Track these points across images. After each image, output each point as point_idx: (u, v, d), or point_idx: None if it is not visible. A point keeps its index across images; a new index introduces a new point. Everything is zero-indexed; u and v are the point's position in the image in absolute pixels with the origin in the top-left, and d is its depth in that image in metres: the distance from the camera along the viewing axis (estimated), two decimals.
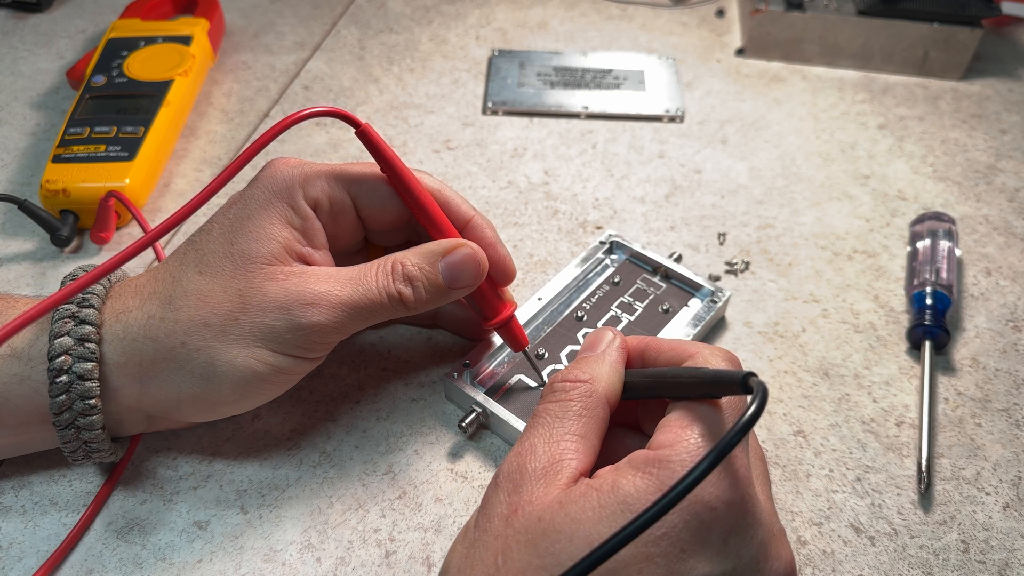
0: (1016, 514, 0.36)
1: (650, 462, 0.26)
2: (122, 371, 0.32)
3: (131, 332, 0.32)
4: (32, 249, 0.47)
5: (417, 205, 0.35)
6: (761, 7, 0.64)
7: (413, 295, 0.34)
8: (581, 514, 0.25)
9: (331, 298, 0.32)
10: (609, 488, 0.25)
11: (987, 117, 0.61)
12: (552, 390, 0.30)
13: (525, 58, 0.64)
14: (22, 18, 0.67)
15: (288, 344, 0.32)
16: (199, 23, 0.59)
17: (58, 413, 0.31)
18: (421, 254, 0.34)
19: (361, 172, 0.35)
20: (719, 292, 0.43)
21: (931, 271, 0.45)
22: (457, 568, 0.27)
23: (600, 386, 0.29)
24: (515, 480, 0.27)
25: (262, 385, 0.33)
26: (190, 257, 0.33)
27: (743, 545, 0.25)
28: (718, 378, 0.27)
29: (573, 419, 0.28)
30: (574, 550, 0.24)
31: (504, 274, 0.38)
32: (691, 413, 0.27)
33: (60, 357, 0.31)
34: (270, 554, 0.34)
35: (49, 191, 0.47)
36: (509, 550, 0.25)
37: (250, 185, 0.34)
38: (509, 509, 0.26)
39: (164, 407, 0.33)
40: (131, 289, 0.34)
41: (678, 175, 0.55)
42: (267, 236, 0.33)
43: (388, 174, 0.35)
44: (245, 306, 0.32)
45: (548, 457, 0.27)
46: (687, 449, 0.26)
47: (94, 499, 0.35)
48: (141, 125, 0.50)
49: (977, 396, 0.41)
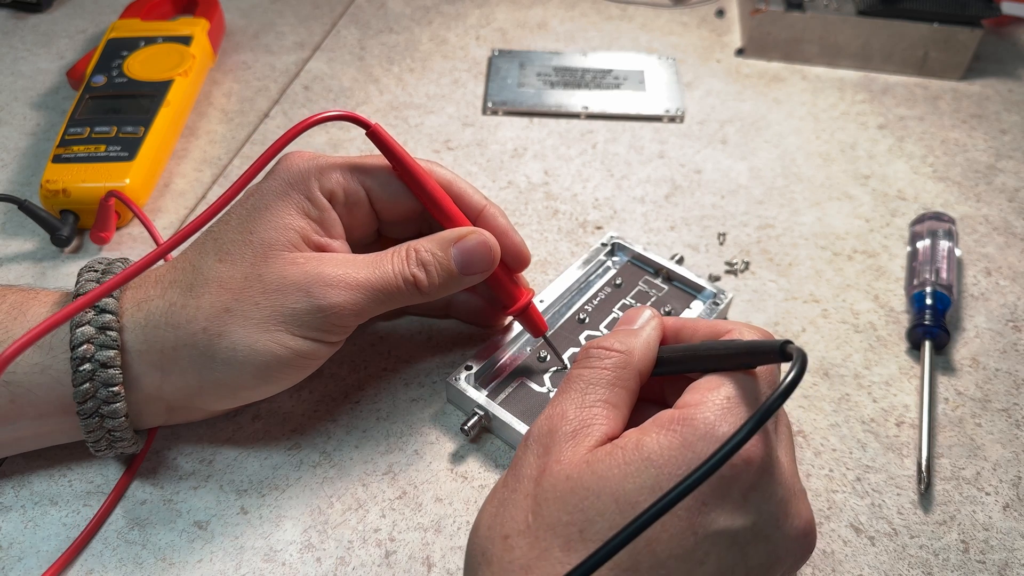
0: (1016, 514, 0.36)
1: (675, 420, 0.26)
2: (144, 359, 0.33)
3: (153, 320, 0.32)
4: (32, 249, 0.47)
5: (429, 198, 0.36)
6: (761, 7, 0.64)
7: (427, 280, 0.34)
8: (607, 471, 0.25)
9: (350, 280, 0.33)
10: (633, 445, 0.26)
11: (987, 117, 0.61)
12: (588, 356, 0.30)
13: (525, 58, 0.64)
14: (22, 18, 0.67)
15: (308, 326, 0.33)
16: (199, 23, 0.59)
17: (82, 402, 0.32)
18: (434, 241, 0.35)
19: (374, 164, 0.36)
20: (721, 294, 0.43)
21: (931, 271, 0.45)
22: (487, 525, 0.27)
23: (635, 358, 0.30)
24: (545, 443, 0.27)
25: (283, 370, 0.33)
26: (209, 246, 0.34)
27: (763, 501, 0.26)
28: (755, 347, 0.27)
29: (605, 387, 0.29)
30: (601, 505, 0.25)
31: (519, 261, 0.38)
32: (722, 376, 0.28)
33: (82, 346, 0.31)
34: (270, 554, 0.34)
35: (49, 191, 0.47)
36: (539, 508, 0.26)
37: (266, 177, 0.35)
38: (538, 470, 0.27)
39: (185, 395, 0.34)
40: (151, 279, 0.34)
41: (678, 175, 0.55)
42: (285, 225, 0.33)
43: (400, 172, 0.36)
44: (265, 290, 0.32)
45: (578, 421, 0.28)
46: (712, 409, 0.26)
47: (112, 490, 0.35)
48: (141, 125, 0.50)
49: (977, 396, 0.41)
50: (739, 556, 0.25)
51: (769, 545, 0.26)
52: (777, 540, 0.26)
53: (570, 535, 0.25)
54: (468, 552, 0.28)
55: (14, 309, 0.33)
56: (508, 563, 0.26)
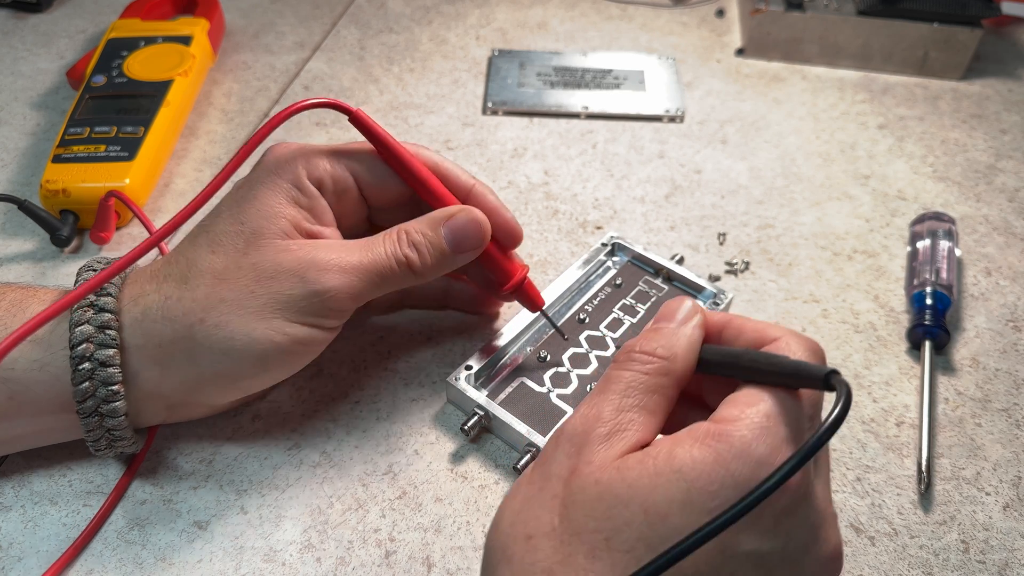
0: (1016, 514, 0.36)
1: (710, 435, 0.25)
2: (142, 355, 0.33)
3: (149, 314, 0.33)
4: (32, 249, 0.47)
5: (416, 179, 0.36)
6: (761, 7, 0.64)
7: (419, 260, 0.35)
8: (637, 480, 0.25)
9: (344, 263, 0.33)
10: (665, 456, 0.25)
11: (987, 117, 0.61)
12: (629, 358, 0.29)
13: (525, 58, 0.64)
14: (22, 18, 0.67)
15: (305, 312, 0.33)
16: (199, 23, 0.59)
17: (81, 400, 0.32)
18: (424, 221, 0.35)
19: (360, 149, 0.36)
20: (722, 294, 0.43)
21: (931, 271, 0.45)
22: (510, 522, 0.27)
23: (677, 365, 0.29)
24: (578, 443, 0.27)
25: (282, 357, 0.33)
26: (201, 239, 0.34)
27: (795, 526, 0.25)
28: (799, 371, 0.27)
29: (644, 393, 0.28)
30: (629, 515, 0.25)
31: (511, 237, 0.39)
32: (762, 391, 0.27)
33: (82, 345, 0.31)
34: (270, 554, 0.34)
35: (49, 191, 0.47)
36: (566, 511, 0.26)
37: (253, 169, 0.35)
38: (568, 470, 0.27)
39: (185, 389, 0.34)
40: (146, 275, 0.34)
41: (678, 175, 0.55)
42: (275, 214, 0.33)
43: (385, 156, 0.36)
44: (260, 278, 0.32)
45: (613, 424, 0.27)
46: (749, 427, 0.25)
47: (112, 490, 0.35)
48: (141, 125, 0.50)
49: (977, 396, 0.41)
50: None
51: (796, 569, 0.26)
52: (804, 564, 0.26)
53: (595, 543, 0.25)
54: (488, 547, 0.27)
55: (13, 306, 0.33)
56: (530, 564, 0.25)
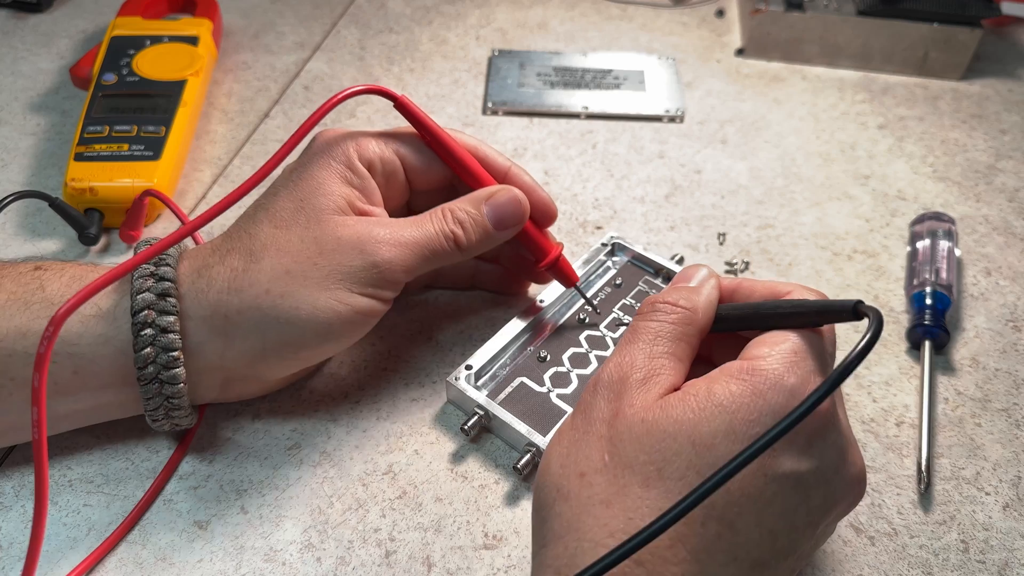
0: (1016, 514, 0.36)
1: (744, 370, 0.27)
2: (205, 325, 0.34)
3: (215, 285, 0.34)
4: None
5: (458, 162, 0.38)
6: (761, 7, 0.64)
7: (465, 237, 0.37)
8: (681, 416, 0.27)
9: (399, 238, 0.35)
10: (705, 393, 0.27)
11: (987, 117, 0.61)
12: (653, 309, 0.31)
13: (525, 58, 0.64)
14: (22, 18, 0.67)
15: (365, 282, 0.35)
16: (203, 23, 0.59)
17: (142, 367, 0.33)
18: (467, 200, 0.38)
19: (405, 133, 0.39)
20: None
21: (931, 271, 0.45)
22: (560, 464, 0.28)
23: (699, 316, 0.31)
24: (616, 389, 0.29)
25: (343, 327, 0.35)
26: (261, 215, 0.36)
27: (825, 447, 0.27)
28: (827, 307, 0.28)
29: (672, 340, 0.30)
30: (678, 447, 0.26)
31: (547, 215, 0.41)
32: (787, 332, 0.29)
33: (143, 311, 0.32)
34: (270, 554, 0.34)
35: (76, 189, 0.46)
36: (615, 448, 0.27)
37: (304, 153, 0.37)
38: (611, 413, 0.28)
39: (248, 360, 0.35)
40: (207, 249, 0.36)
41: (678, 175, 0.55)
42: (332, 192, 0.35)
43: (429, 140, 0.38)
44: (322, 251, 0.34)
45: (648, 370, 0.29)
46: (780, 360, 0.27)
47: (165, 464, 0.36)
48: (162, 125, 0.50)
49: (977, 396, 0.41)
50: (802, 497, 0.27)
51: (828, 488, 0.28)
52: (835, 484, 0.28)
53: (648, 473, 0.26)
54: (540, 488, 0.29)
55: (74, 280, 0.34)
56: (587, 498, 0.27)
